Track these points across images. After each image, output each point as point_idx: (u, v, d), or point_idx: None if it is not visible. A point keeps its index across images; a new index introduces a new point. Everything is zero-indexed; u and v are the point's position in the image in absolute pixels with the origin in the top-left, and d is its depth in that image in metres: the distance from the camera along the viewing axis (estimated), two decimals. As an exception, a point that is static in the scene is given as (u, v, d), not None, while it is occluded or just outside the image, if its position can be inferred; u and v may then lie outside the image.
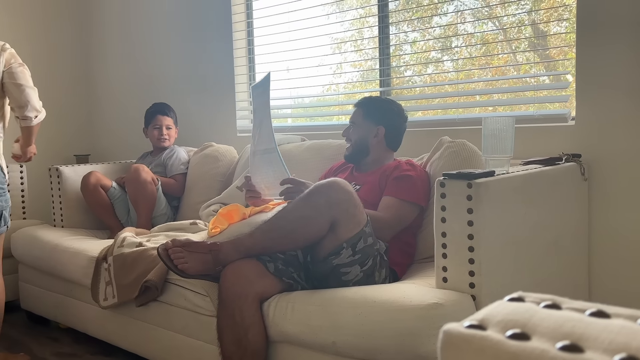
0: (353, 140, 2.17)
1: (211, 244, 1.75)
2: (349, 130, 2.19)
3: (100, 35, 4.09)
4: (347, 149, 2.20)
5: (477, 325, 0.47)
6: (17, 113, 2.31)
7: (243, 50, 3.32)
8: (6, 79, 2.26)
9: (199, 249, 1.74)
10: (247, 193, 2.10)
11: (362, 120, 2.16)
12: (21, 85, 2.27)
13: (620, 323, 0.45)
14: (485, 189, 1.49)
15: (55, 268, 2.58)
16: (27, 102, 2.27)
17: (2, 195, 2.23)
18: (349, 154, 2.20)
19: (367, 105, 2.19)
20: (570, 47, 2.31)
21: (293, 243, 1.72)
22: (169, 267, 1.75)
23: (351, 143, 2.18)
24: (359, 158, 2.18)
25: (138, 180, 2.79)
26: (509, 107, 2.48)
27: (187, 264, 1.72)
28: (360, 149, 2.16)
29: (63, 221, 3.01)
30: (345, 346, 1.52)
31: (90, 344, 2.60)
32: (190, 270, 1.72)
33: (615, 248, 2.06)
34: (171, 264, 1.73)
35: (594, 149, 2.08)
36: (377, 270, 1.75)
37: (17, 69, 2.28)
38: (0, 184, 2.23)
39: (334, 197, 1.64)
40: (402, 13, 2.76)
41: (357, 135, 2.16)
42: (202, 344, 1.93)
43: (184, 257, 1.73)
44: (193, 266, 1.72)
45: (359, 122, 2.17)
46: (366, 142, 2.15)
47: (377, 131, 2.14)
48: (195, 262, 1.72)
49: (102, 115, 4.15)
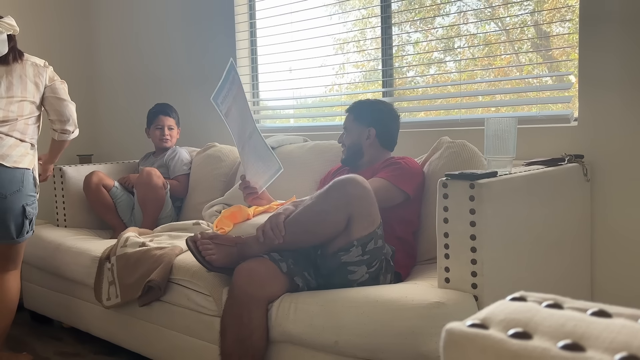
0: (347, 144, 2.21)
1: (236, 237, 1.81)
2: (342, 137, 2.23)
3: (102, 35, 4.10)
4: (343, 153, 2.25)
5: (479, 324, 0.48)
6: (57, 126, 2.42)
7: (246, 51, 3.33)
8: (48, 94, 2.38)
9: (226, 242, 1.80)
10: (244, 191, 2.13)
11: (353, 124, 2.19)
12: (64, 100, 2.40)
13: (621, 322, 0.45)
14: (487, 190, 1.49)
15: (59, 268, 2.59)
16: (69, 116, 2.41)
17: (33, 203, 2.32)
18: (345, 157, 2.24)
19: (356, 109, 2.22)
20: (573, 48, 2.31)
21: (314, 238, 1.74)
22: (197, 258, 1.80)
23: (345, 148, 2.22)
24: (355, 161, 2.20)
25: (150, 184, 2.81)
26: (512, 108, 2.48)
27: (215, 255, 1.78)
28: (354, 152, 2.19)
29: (66, 221, 3.02)
30: (348, 346, 1.52)
31: (93, 343, 2.61)
32: (216, 262, 1.78)
33: (618, 249, 2.06)
34: (199, 255, 1.78)
35: (596, 150, 2.08)
36: (382, 274, 1.76)
37: (59, 85, 2.41)
38: (33, 192, 2.32)
39: (352, 193, 1.66)
40: (405, 14, 2.77)
41: (350, 139, 2.20)
42: (205, 344, 1.94)
43: (212, 248, 1.78)
44: (219, 258, 1.78)
45: (350, 126, 2.20)
46: (359, 144, 2.18)
47: (369, 133, 2.16)
48: (221, 255, 1.78)
49: (105, 115, 4.16)
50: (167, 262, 2.08)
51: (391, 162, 2.07)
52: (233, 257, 1.78)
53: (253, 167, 2.05)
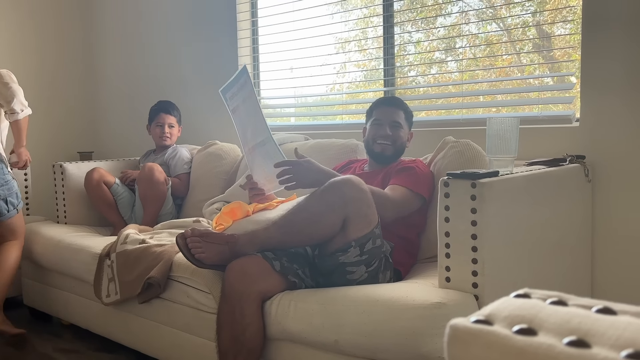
0: (399, 141, 2.12)
1: (229, 236, 1.77)
2: (393, 130, 2.11)
3: (104, 32, 4.09)
4: (388, 150, 2.11)
5: (484, 320, 0.48)
6: (5, 108, 2.64)
7: (247, 49, 3.32)
8: None
9: (217, 240, 1.77)
10: (250, 192, 2.11)
11: (405, 123, 2.15)
12: (7, 83, 2.63)
13: (627, 320, 0.45)
14: (489, 189, 1.49)
15: (58, 264, 2.59)
16: (13, 96, 2.62)
17: (2, 185, 2.51)
18: (391, 155, 2.12)
19: (404, 108, 2.17)
20: (574, 49, 2.31)
21: (307, 239, 1.73)
22: (186, 256, 1.77)
23: (393, 143, 2.11)
24: (396, 158, 2.15)
25: (151, 179, 2.81)
26: (513, 109, 2.48)
27: (204, 253, 1.74)
28: (400, 150, 2.14)
29: (66, 218, 3.02)
30: (347, 345, 1.52)
31: (92, 340, 2.61)
32: (206, 260, 1.75)
33: (619, 250, 2.06)
34: (188, 252, 1.75)
35: (598, 151, 2.08)
36: (381, 272, 1.75)
37: (3, 72, 2.66)
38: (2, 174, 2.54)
39: (349, 194, 1.64)
40: (407, 13, 2.76)
41: (401, 137, 2.13)
42: (204, 342, 1.93)
43: (202, 247, 1.75)
44: (209, 256, 1.75)
45: (403, 124, 2.14)
46: (404, 145, 2.16)
47: (410, 136, 2.18)
48: (212, 253, 1.75)
49: (106, 112, 4.16)
50: (167, 259, 2.07)
51: (404, 166, 2.03)
52: (224, 255, 1.75)
53: (264, 171, 2.03)
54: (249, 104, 1.97)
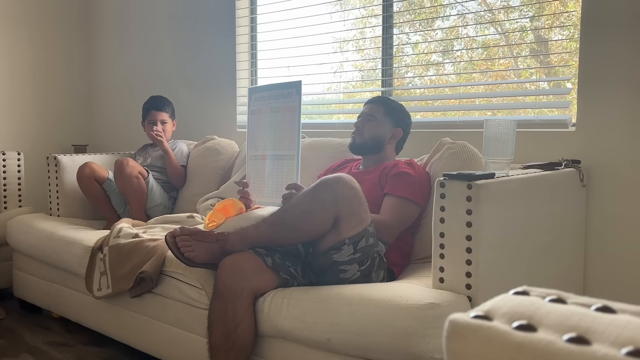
0: (369, 134, 2.16)
1: (218, 234, 1.76)
2: (363, 122, 2.17)
3: (100, 27, 4.08)
4: (357, 139, 2.17)
5: (483, 315, 0.48)
6: None
7: (246, 46, 3.32)
8: None
9: (206, 238, 1.75)
10: (242, 198, 2.12)
11: (383, 117, 2.17)
12: None
13: (626, 318, 0.45)
14: (485, 191, 1.49)
15: (50, 257, 2.57)
16: None
17: None
18: (359, 144, 2.17)
19: (387, 104, 2.20)
20: (571, 55, 2.32)
21: (298, 236, 1.72)
22: (176, 255, 1.75)
23: (364, 135, 2.16)
24: (369, 152, 2.18)
25: (122, 174, 2.77)
26: (509, 112, 2.49)
27: (194, 252, 1.73)
28: (374, 144, 2.16)
29: (59, 210, 3.00)
30: (340, 343, 1.52)
31: (82, 333, 2.60)
32: (196, 259, 1.74)
33: (611, 255, 2.07)
34: (178, 251, 1.74)
35: (593, 156, 2.09)
36: (374, 271, 1.75)
37: None
38: None
39: (340, 192, 1.64)
40: (405, 15, 2.77)
41: (375, 130, 2.16)
42: (195, 337, 1.93)
43: (191, 245, 1.73)
44: (199, 255, 1.73)
45: (380, 118, 2.17)
46: (383, 139, 2.16)
47: (394, 133, 2.17)
48: (202, 251, 1.73)
49: (101, 106, 4.14)
50: (160, 254, 2.06)
51: (400, 171, 2.02)
52: (215, 253, 1.74)
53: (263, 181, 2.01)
54: (289, 117, 1.97)
